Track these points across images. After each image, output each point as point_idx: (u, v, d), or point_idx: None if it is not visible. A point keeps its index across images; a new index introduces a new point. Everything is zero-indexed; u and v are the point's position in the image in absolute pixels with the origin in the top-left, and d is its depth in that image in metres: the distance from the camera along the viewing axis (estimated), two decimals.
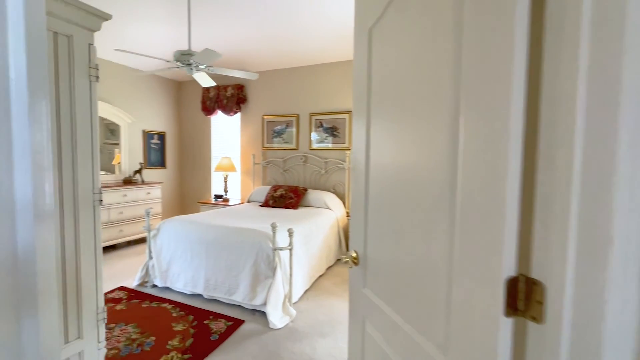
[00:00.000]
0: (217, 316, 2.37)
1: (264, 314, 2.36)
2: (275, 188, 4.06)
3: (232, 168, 4.60)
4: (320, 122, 4.27)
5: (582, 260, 0.41)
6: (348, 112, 4.08)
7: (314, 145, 4.32)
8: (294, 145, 4.45)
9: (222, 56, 2.31)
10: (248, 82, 4.73)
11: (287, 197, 3.84)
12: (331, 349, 2.01)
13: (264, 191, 4.22)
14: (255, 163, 4.67)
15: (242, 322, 2.30)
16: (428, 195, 0.70)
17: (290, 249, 2.34)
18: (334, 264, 3.58)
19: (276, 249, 2.31)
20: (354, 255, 1.15)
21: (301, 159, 4.36)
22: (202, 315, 2.39)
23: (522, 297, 0.48)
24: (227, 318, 2.34)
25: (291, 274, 2.38)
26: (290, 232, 2.32)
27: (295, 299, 2.57)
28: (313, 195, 3.93)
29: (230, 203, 4.49)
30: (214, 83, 3.17)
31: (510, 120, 0.47)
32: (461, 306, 0.58)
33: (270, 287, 2.30)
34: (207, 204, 4.56)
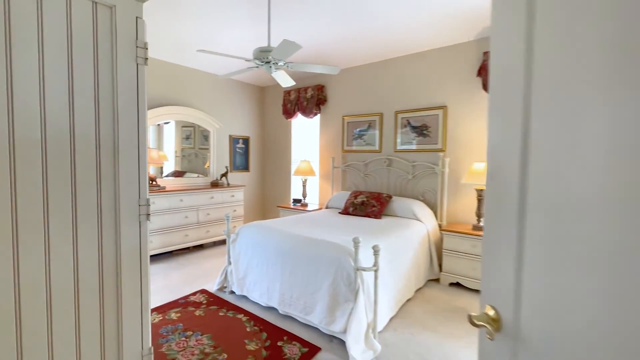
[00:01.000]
0: (292, 337, 2.13)
1: (343, 343, 2.02)
2: (355, 194, 3.72)
3: (311, 172, 4.43)
4: (407, 121, 3.77)
5: None
6: (442, 108, 3.49)
7: (400, 146, 3.84)
8: (377, 147, 4.04)
9: (302, 47, 2.07)
10: (328, 82, 4.51)
11: (369, 205, 3.45)
12: None
13: (344, 197, 3.91)
14: (334, 167, 4.41)
15: (318, 350, 2.00)
16: None
17: (375, 270, 1.95)
18: (424, 286, 3.05)
19: (358, 269, 1.95)
20: (492, 314, 0.71)
21: (385, 163, 3.92)
22: (276, 334, 2.17)
23: None
24: (302, 342, 2.08)
25: (376, 301, 1.99)
26: (375, 250, 1.93)
27: (379, 328, 2.17)
28: (398, 203, 3.46)
29: (308, 208, 4.32)
30: (294, 82, 3.00)
31: None
32: None
33: (351, 314, 1.95)
34: (286, 209, 4.48)
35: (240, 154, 5.14)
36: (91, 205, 0.92)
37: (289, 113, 4.80)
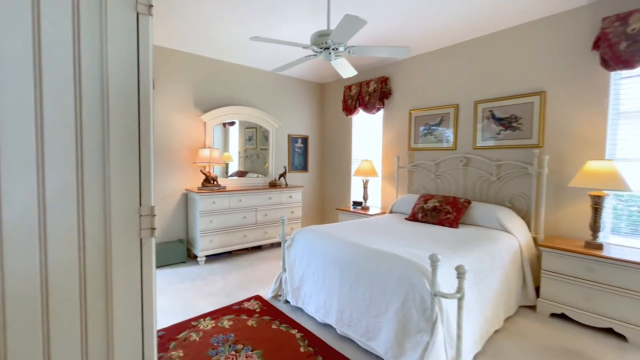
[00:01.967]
0: None
1: None
2: (425, 198, 3.24)
3: (373, 172, 4.06)
4: (489, 112, 3.16)
5: None
6: (538, 94, 2.83)
7: (480, 142, 3.25)
8: (451, 144, 3.50)
9: (367, 22, 1.74)
10: (393, 73, 4.08)
11: (443, 211, 2.95)
12: None
13: (411, 201, 3.46)
14: (399, 167, 3.97)
15: None
16: None
17: (459, 298, 1.52)
18: (515, 314, 2.46)
19: (437, 295, 1.55)
20: None
21: (460, 162, 3.36)
22: (333, 358, 1.87)
23: None
24: None
25: (459, 336, 1.56)
26: (460, 272, 1.50)
27: None
28: (479, 209, 2.89)
29: (369, 212, 3.95)
30: (356, 72, 2.68)
31: None
32: None
33: (426, 349, 1.56)
34: (346, 212, 4.17)
35: (298, 154, 4.99)
36: (68, 219, 0.68)
37: (350, 109, 4.49)
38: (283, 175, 4.42)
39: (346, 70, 2.57)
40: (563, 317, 2.40)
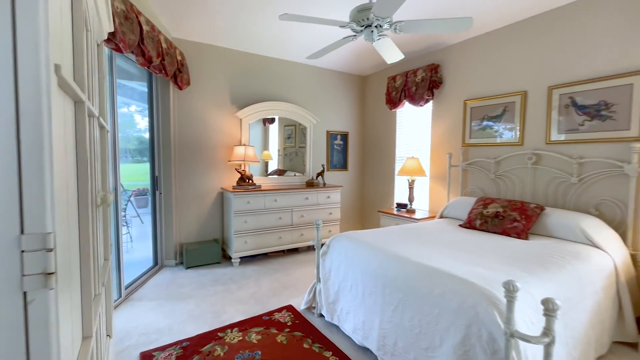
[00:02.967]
0: None
1: None
2: (484, 202, 2.77)
3: (420, 171, 3.63)
4: (569, 99, 2.60)
5: None
6: (638, 73, 2.23)
7: (556, 136, 2.69)
8: (516, 138, 2.96)
9: None
10: (445, 60, 3.61)
11: (508, 218, 2.47)
12: None
13: (466, 205, 2.99)
14: (451, 165, 3.50)
15: None
16: None
17: (548, 344, 1.12)
18: (608, 352, 1.93)
19: (514, 336, 1.16)
20: None
21: (529, 160, 2.83)
22: None
23: None
24: None
25: None
26: (549, 309, 1.10)
27: None
28: (556, 217, 2.37)
29: (415, 216, 3.54)
30: (402, 55, 2.32)
31: None
32: None
33: None
34: (388, 214, 3.80)
35: (337, 152, 4.70)
36: None
37: (394, 102, 4.09)
38: (321, 174, 4.17)
39: (391, 53, 2.23)
40: None
